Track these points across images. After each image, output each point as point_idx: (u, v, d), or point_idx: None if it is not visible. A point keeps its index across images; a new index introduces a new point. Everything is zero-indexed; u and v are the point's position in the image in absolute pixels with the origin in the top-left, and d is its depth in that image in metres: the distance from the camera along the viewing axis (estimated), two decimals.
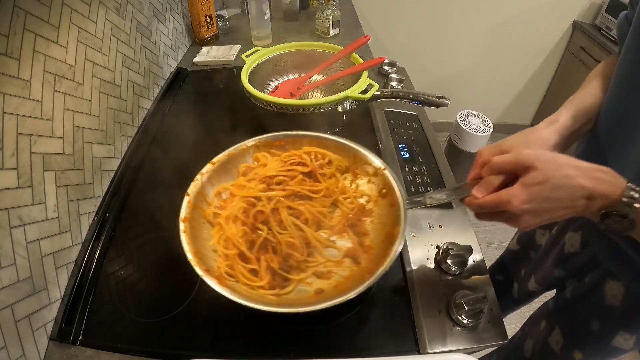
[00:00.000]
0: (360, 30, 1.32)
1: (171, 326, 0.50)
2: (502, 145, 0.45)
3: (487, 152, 0.45)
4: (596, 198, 0.37)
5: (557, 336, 0.64)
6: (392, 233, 0.47)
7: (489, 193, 0.41)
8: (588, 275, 0.59)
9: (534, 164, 0.38)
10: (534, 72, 2.00)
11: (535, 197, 0.38)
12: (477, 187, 0.42)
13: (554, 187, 0.37)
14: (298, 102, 0.73)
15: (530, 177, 0.38)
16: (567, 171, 0.37)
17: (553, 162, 0.38)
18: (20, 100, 0.48)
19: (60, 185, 0.55)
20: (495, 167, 0.42)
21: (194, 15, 1.12)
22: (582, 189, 0.37)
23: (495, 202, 0.40)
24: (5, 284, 0.44)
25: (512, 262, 0.84)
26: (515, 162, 0.40)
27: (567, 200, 0.38)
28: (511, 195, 0.38)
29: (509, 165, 0.40)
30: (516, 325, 0.81)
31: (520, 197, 0.38)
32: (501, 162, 0.41)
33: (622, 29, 0.51)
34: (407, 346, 0.48)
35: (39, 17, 0.52)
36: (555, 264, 0.67)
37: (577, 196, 0.37)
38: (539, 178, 0.38)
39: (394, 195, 0.51)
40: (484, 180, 0.43)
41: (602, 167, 0.38)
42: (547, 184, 0.37)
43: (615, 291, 0.54)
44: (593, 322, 0.57)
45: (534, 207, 0.38)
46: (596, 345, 0.59)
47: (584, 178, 0.37)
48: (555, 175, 0.37)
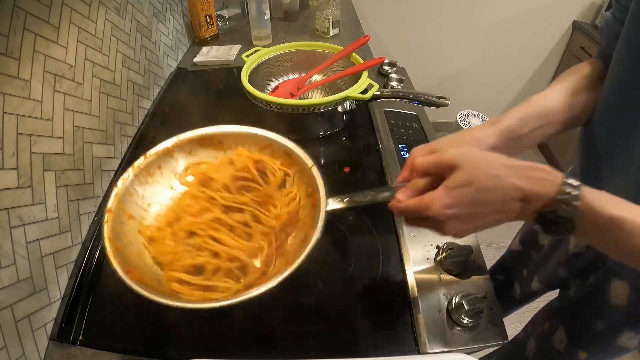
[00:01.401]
0: (360, 30, 1.32)
1: (171, 326, 0.50)
2: (432, 145, 0.42)
3: (417, 152, 0.42)
4: (531, 199, 0.34)
5: (561, 336, 0.64)
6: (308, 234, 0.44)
7: (413, 196, 0.38)
8: (592, 275, 0.59)
9: (458, 163, 0.35)
10: (534, 72, 2.00)
11: (459, 201, 0.34)
12: (401, 190, 0.39)
13: (481, 189, 0.34)
14: (298, 102, 0.73)
15: (453, 178, 0.35)
16: (496, 171, 0.34)
17: (480, 162, 0.35)
18: (20, 100, 0.48)
19: (60, 185, 0.55)
20: (420, 168, 0.38)
21: (194, 15, 1.12)
22: (514, 189, 0.33)
23: (417, 207, 0.37)
24: (5, 284, 0.44)
25: (513, 262, 0.84)
26: (438, 163, 0.37)
27: (498, 203, 0.34)
28: (433, 199, 0.35)
29: (432, 166, 0.37)
30: (516, 325, 0.82)
31: (442, 202, 0.35)
32: (425, 162, 0.38)
33: (610, 28, 0.48)
34: (407, 346, 0.48)
35: (39, 17, 0.52)
36: (560, 264, 0.66)
37: (509, 198, 0.34)
38: (463, 179, 0.34)
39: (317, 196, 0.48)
40: (409, 182, 0.40)
41: (537, 165, 0.34)
42: (473, 185, 0.34)
43: (620, 291, 0.54)
44: (598, 321, 0.57)
45: (460, 212, 0.35)
46: (601, 345, 0.58)
47: (515, 177, 0.33)
48: (482, 176, 0.34)
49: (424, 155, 0.40)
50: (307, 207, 0.50)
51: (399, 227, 0.61)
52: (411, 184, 0.39)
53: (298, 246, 0.46)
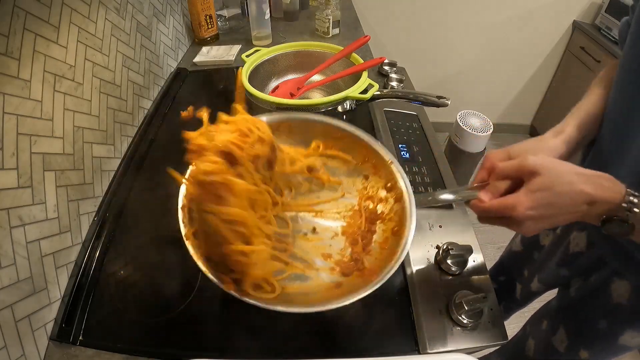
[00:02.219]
0: (360, 30, 1.32)
1: (171, 326, 0.50)
2: (510, 151, 0.46)
3: (495, 156, 0.45)
4: (597, 203, 0.38)
5: (562, 336, 0.64)
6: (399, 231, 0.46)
7: (495, 197, 0.42)
8: (594, 274, 0.59)
9: (538, 170, 0.39)
10: (534, 72, 2.00)
11: (539, 204, 0.38)
12: (484, 191, 0.43)
13: (557, 194, 0.38)
14: (298, 102, 0.73)
15: (534, 183, 0.39)
16: (570, 177, 0.38)
17: (556, 169, 0.39)
18: (20, 100, 0.48)
19: (60, 185, 0.55)
20: (501, 172, 0.42)
21: (194, 15, 1.12)
22: (584, 194, 0.38)
23: (501, 207, 0.40)
24: (5, 284, 0.44)
25: (514, 263, 0.84)
26: (521, 168, 0.40)
27: (569, 206, 0.39)
28: (516, 202, 0.39)
29: (514, 171, 0.41)
30: (516, 325, 0.81)
31: (525, 204, 0.39)
32: (507, 168, 0.42)
33: (623, 33, 0.51)
34: (407, 346, 0.48)
35: (39, 17, 0.52)
36: (560, 264, 0.67)
37: (579, 202, 0.38)
38: (543, 184, 0.38)
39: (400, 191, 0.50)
40: (490, 184, 0.43)
41: (603, 174, 0.39)
42: (551, 190, 0.38)
43: (622, 290, 0.54)
44: (600, 321, 0.58)
45: (538, 213, 0.39)
46: (603, 344, 0.59)
47: (585, 184, 0.38)
48: (559, 182, 0.38)
49: (501, 160, 0.44)
50: (390, 202, 0.51)
51: None
52: (493, 186, 0.43)
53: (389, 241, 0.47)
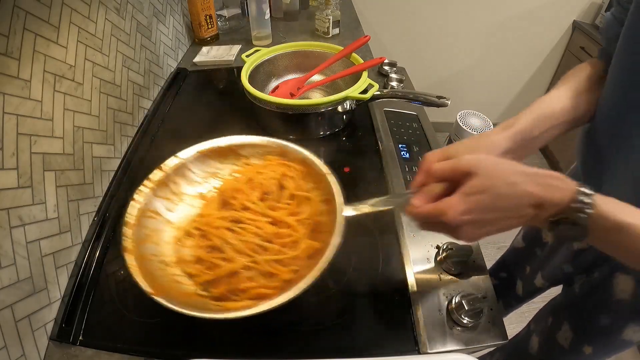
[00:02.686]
0: (360, 30, 1.32)
1: (171, 326, 0.50)
2: (447, 150, 0.43)
3: (432, 157, 0.42)
4: (545, 206, 0.35)
5: (566, 332, 0.64)
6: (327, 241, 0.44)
7: (428, 202, 0.39)
8: (597, 270, 0.60)
9: (474, 170, 0.36)
10: (534, 72, 2.00)
11: (475, 207, 0.35)
12: (417, 196, 0.40)
13: (496, 196, 0.35)
14: (298, 102, 0.73)
15: (469, 185, 0.36)
16: (512, 178, 0.35)
17: (496, 169, 0.36)
18: (20, 100, 0.48)
19: (60, 185, 0.55)
20: (435, 174, 0.39)
21: (194, 15, 1.12)
22: (528, 196, 0.34)
23: (433, 212, 0.37)
24: (5, 284, 0.44)
25: (516, 259, 0.84)
26: (455, 169, 0.37)
27: (512, 209, 0.35)
28: (449, 206, 0.36)
29: (449, 172, 0.38)
30: (516, 325, 0.82)
31: (458, 208, 0.35)
32: (441, 169, 0.39)
33: (610, 29, 0.49)
34: (407, 346, 0.48)
35: (39, 17, 0.52)
36: (564, 261, 0.67)
37: (524, 204, 0.35)
38: (479, 186, 0.35)
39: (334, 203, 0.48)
40: (425, 188, 0.40)
41: (552, 172, 0.35)
42: (489, 192, 0.35)
43: (624, 285, 0.54)
44: (603, 316, 0.58)
45: (475, 218, 0.36)
46: (606, 339, 0.59)
47: (530, 185, 0.34)
48: (498, 183, 0.35)
49: (438, 160, 0.41)
50: (325, 214, 0.50)
51: (399, 227, 0.61)
52: (427, 189, 0.40)
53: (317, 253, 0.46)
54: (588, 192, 0.34)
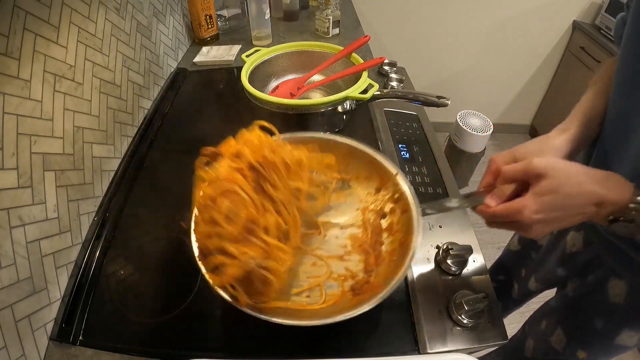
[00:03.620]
0: (360, 30, 1.32)
1: (171, 326, 0.50)
2: (515, 153, 0.45)
3: (500, 159, 0.44)
4: (605, 204, 0.37)
5: (560, 336, 0.64)
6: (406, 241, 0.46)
7: (501, 202, 0.41)
8: (591, 274, 0.60)
9: (545, 172, 0.38)
10: (534, 72, 2.00)
11: (546, 207, 0.38)
12: (490, 196, 0.42)
13: (565, 196, 0.37)
14: (298, 102, 0.73)
15: (541, 186, 0.38)
16: (578, 178, 0.37)
17: (564, 170, 0.38)
18: (20, 100, 0.48)
19: (60, 185, 0.55)
20: (507, 176, 0.41)
21: (194, 15, 1.12)
22: (592, 195, 0.37)
23: (507, 212, 0.40)
24: (5, 284, 0.44)
25: (512, 262, 0.84)
26: (527, 171, 0.39)
27: (578, 207, 0.38)
28: (523, 206, 0.38)
29: (520, 174, 0.40)
30: (516, 325, 0.81)
31: (532, 207, 0.38)
32: (513, 171, 0.41)
33: (619, 31, 0.51)
34: (407, 346, 0.48)
35: (39, 17, 0.52)
36: (558, 264, 0.67)
37: (588, 203, 0.37)
38: (550, 187, 0.37)
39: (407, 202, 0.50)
40: (497, 188, 0.43)
41: (611, 173, 0.38)
42: (559, 192, 0.37)
43: (618, 289, 0.54)
44: (597, 320, 0.57)
45: (546, 217, 0.38)
46: (600, 344, 0.59)
47: (594, 184, 0.37)
48: (567, 183, 0.37)
49: (506, 162, 0.43)
50: (397, 214, 0.51)
51: None
52: (499, 190, 0.42)
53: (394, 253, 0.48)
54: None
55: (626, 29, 0.45)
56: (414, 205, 0.49)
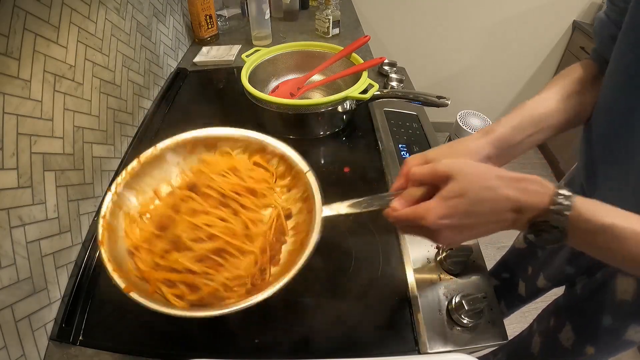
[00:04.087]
0: (360, 30, 1.32)
1: (171, 326, 0.50)
2: (427, 154, 0.43)
3: (412, 161, 0.42)
4: (524, 210, 0.34)
5: (568, 333, 0.64)
6: (304, 241, 0.44)
7: (408, 205, 0.39)
8: (599, 271, 0.60)
9: (452, 174, 0.36)
10: (534, 72, 2.00)
11: (454, 212, 0.35)
12: (397, 199, 0.40)
13: (475, 200, 0.35)
14: (298, 102, 0.73)
15: (448, 189, 0.36)
16: (489, 182, 0.35)
17: (474, 173, 0.36)
18: (20, 100, 0.48)
19: (60, 185, 0.55)
20: (415, 178, 0.39)
21: (194, 15, 1.12)
22: (507, 200, 0.34)
23: (411, 216, 0.37)
24: (5, 284, 0.44)
25: (518, 260, 0.84)
26: (434, 173, 0.37)
27: (491, 213, 0.35)
28: (427, 209, 0.36)
29: (428, 176, 0.38)
30: (516, 325, 0.82)
31: (437, 212, 0.35)
32: (420, 173, 0.39)
33: (604, 30, 0.48)
34: (407, 346, 0.48)
35: (39, 17, 0.52)
36: (566, 262, 0.67)
37: (503, 209, 0.35)
38: (457, 190, 0.35)
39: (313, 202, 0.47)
40: (405, 191, 0.40)
41: (529, 176, 0.35)
42: (467, 196, 0.35)
43: (626, 286, 0.54)
44: (605, 317, 0.58)
45: (455, 222, 0.35)
46: (608, 340, 0.59)
47: (508, 189, 0.34)
48: (475, 188, 0.35)
49: (418, 164, 0.41)
50: (303, 213, 0.49)
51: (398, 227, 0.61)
52: (406, 193, 0.40)
53: (294, 252, 0.46)
54: (567, 194, 0.34)
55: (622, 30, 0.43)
56: (318, 205, 0.46)
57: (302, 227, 0.48)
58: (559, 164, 1.92)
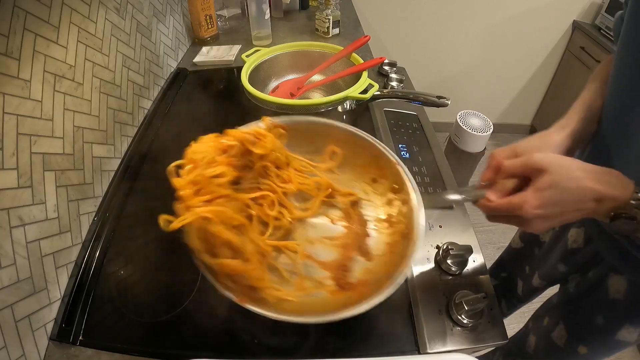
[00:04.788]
0: (360, 30, 1.32)
1: (171, 326, 0.50)
2: (516, 148, 0.45)
3: (501, 154, 0.45)
4: (605, 200, 0.37)
5: (561, 331, 0.64)
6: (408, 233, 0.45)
7: (502, 196, 0.42)
8: (592, 270, 0.60)
9: (545, 167, 0.38)
10: (534, 72, 2.00)
11: (546, 202, 0.38)
12: (491, 190, 0.43)
13: (564, 191, 0.37)
14: (298, 102, 0.73)
15: (542, 181, 0.38)
16: (576, 173, 0.38)
17: (564, 165, 0.38)
18: (20, 100, 0.48)
19: (60, 185, 0.55)
20: (507, 171, 0.42)
21: (194, 15, 1.12)
22: (591, 191, 0.37)
23: (508, 207, 0.40)
24: (5, 284, 0.44)
25: (515, 259, 0.84)
26: (527, 166, 0.40)
27: (576, 202, 0.38)
28: (523, 200, 0.39)
29: (520, 169, 0.41)
30: (516, 325, 0.82)
31: (532, 202, 0.38)
32: (513, 166, 0.41)
33: (617, 29, 0.51)
34: (407, 346, 0.48)
35: (39, 17, 0.52)
36: (559, 260, 0.67)
37: (586, 199, 0.38)
38: (550, 182, 0.38)
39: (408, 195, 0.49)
40: (498, 183, 0.43)
41: (610, 170, 0.38)
42: (558, 187, 0.37)
43: (618, 285, 0.54)
44: (597, 316, 0.58)
45: (547, 212, 0.38)
46: (601, 339, 0.59)
47: (592, 181, 0.37)
48: (565, 179, 0.37)
49: (507, 157, 0.43)
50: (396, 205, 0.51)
51: None
52: (500, 184, 0.42)
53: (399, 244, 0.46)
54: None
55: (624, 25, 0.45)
56: (416, 196, 0.48)
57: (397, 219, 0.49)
58: None
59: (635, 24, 0.42)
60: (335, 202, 0.54)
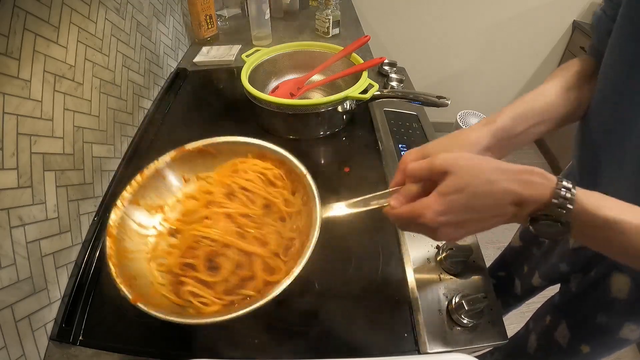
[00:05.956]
0: (360, 30, 1.32)
1: (171, 326, 0.50)
2: (424, 149, 0.41)
3: (409, 156, 0.41)
4: (525, 203, 0.33)
5: (564, 331, 0.64)
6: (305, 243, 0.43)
7: (406, 202, 0.38)
8: (594, 269, 0.60)
9: (450, 169, 0.35)
10: (534, 72, 2.00)
11: (452, 208, 0.34)
12: (395, 196, 0.39)
13: (474, 195, 0.33)
14: (298, 102, 0.73)
15: (445, 185, 0.35)
16: (489, 175, 0.33)
17: (472, 167, 0.34)
18: (20, 100, 0.48)
19: (60, 185, 0.55)
20: (412, 174, 0.38)
21: (194, 15, 1.12)
22: (508, 194, 0.33)
23: (409, 214, 0.37)
24: (5, 284, 0.44)
25: (514, 258, 0.84)
26: (431, 168, 0.36)
27: (492, 207, 0.34)
28: (425, 206, 0.35)
29: (425, 172, 0.37)
30: (516, 325, 0.82)
31: (434, 208, 0.34)
32: (417, 168, 0.37)
33: (601, 25, 0.48)
34: (407, 346, 0.48)
35: (39, 17, 0.52)
36: (561, 259, 0.67)
37: (504, 202, 0.33)
38: (455, 185, 0.34)
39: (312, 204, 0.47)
40: (402, 188, 0.39)
41: (531, 168, 0.34)
42: (465, 191, 0.34)
43: (621, 284, 0.54)
44: (599, 315, 0.58)
45: (454, 219, 0.35)
46: (603, 338, 0.59)
47: (509, 182, 0.33)
48: (475, 182, 0.33)
49: (415, 159, 0.40)
50: (304, 216, 0.49)
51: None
52: (404, 189, 0.39)
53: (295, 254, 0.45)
54: (569, 187, 0.32)
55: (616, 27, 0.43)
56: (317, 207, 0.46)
57: (303, 230, 0.48)
58: (558, 163, 1.92)
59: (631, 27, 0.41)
60: None
